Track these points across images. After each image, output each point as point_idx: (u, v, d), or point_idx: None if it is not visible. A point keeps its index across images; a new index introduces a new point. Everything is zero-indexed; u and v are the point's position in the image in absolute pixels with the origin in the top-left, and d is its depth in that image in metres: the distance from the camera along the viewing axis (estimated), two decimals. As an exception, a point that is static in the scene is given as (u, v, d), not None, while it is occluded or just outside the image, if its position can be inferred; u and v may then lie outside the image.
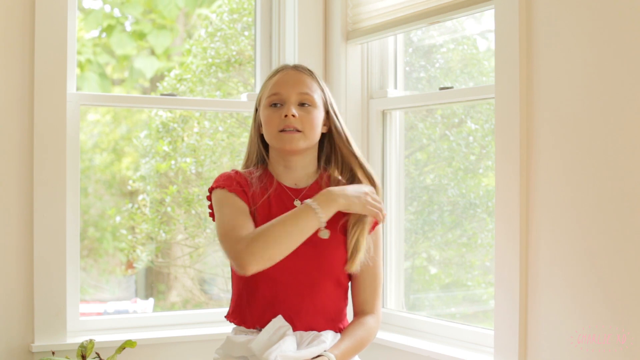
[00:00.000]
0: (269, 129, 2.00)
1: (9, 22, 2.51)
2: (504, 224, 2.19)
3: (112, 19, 4.48)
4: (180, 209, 3.89)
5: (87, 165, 4.41)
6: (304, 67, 2.08)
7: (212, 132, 3.95)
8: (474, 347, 2.42)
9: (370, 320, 2.04)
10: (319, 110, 2.02)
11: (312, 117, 1.99)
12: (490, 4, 2.30)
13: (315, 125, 2.00)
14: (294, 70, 2.05)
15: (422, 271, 3.04)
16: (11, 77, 2.51)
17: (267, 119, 2.01)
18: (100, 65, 4.55)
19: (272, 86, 2.02)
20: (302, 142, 1.98)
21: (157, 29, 4.50)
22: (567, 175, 2.03)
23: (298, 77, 2.03)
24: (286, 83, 2.01)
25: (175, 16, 4.51)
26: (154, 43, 4.51)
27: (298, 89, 2.00)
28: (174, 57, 4.53)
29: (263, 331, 1.91)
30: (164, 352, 2.69)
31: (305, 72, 2.05)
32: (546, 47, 2.09)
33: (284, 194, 2.02)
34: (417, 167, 3.01)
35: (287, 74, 2.04)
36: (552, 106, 2.07)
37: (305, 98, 2.00)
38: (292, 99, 1.99)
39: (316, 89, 2.04)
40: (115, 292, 4.38)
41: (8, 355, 2.50)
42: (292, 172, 2.05)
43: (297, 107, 1.99)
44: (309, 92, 2.01)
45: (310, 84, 2.03)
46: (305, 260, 1.95)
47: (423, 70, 3.01)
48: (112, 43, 4.50)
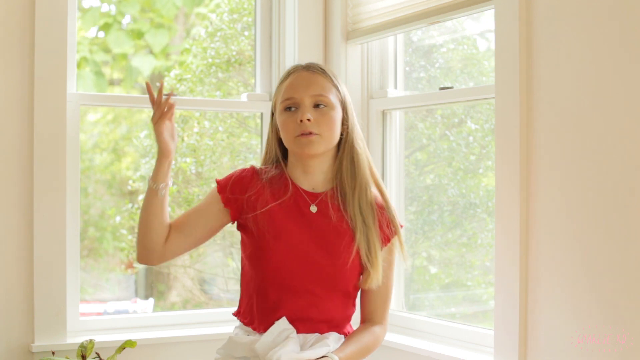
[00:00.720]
0: (286, 135, 1.96)
1: (9, 23, 2.50)
2: (504, 224, 2.19)
3: (109, 17, 4.48)
4: (180, 209, 3.89)
5: (87, 165, 4.40)
6: (316, 66, 2.01)
7: (212, 132, 3.95)
8: (474, 347, 2.42)
9: (377, 329, 2.03)
10: (336, 110, 1.96)
11: (329, 118, 1.94)
12: (490, 4, 2.30)
13: (333, 126, 1.95)
14: (306, 71, 1.99)
15: (422, 271, 3.04)
16: (11, 77, 2.51)
17: (283, 125, 1.96)
18: (97, 64, 4.54)
19: (285, 90, 1.97)
20: (320, 146, 1.94)
21: (154, 27, 4.49)
22: (567, 175, 2.03)
23: (310, 78, 1.97)
24: (299, 86, 1.96)
25: (174, 15, 4.50)
26: (152, 42, 4.50)
27: (311, 91, 1.94)
28: (172, 56, 4.52)
29: (267, 332, 1.91)
30: (164, 352, 2.69)
31: (318, 71, 1.99)
32: (546, 47, 2.09)
33: (300, 198, 1.98)
34: (417, 167, 3.01)
35: (300, 75, 1.98)
36: (552, 106, 2.07)
37: (319, 99, 1.95)
38: (306, 102, 1.94)
39: (331, 88, 1.98)
40: (115, 292, 4.38)
41: (8, 355, 2.50)
42: (311, 176, 2.00)
43: (312, 109, 1.94)
44: (323, 92, 1.95)
45: (323, 84, 1.97)
46: (319, 271, 1.94)
47: (423, 70, 3.01)
48: (109, 41, 4.49)
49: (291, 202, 1.97)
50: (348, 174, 1.99)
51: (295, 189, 1.99)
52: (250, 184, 1.99)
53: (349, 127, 2.00)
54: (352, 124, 2.01)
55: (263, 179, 2.00)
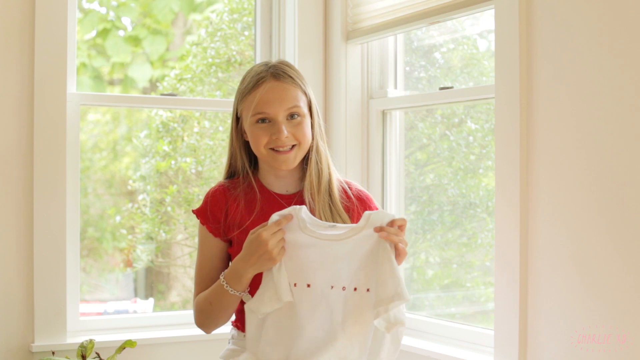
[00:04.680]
0: (257, 146, 1.92)
1: (9, 22, 2.50)
2: (504, 224, 2.19)
3: (107, 22, 4.47)
4: (180, 208, 3.89)
5: (87, 165, 4.40)
6: (284, 72, 1.93)
7: (212, 132, 3.95)
8: (474, 347, 2.42)
9: None
10: (307, 117, 1.94)
11: (302, 127, 1.92)
12: (490, 4, 2.30)
13: (307, 134, 1.93)
14: (275, 81, 1.91)
15: (422, 271, 3.03)
16: (11, 77, 2.51)
17: (255, 136, 1.92)
18: (95, 69, 4.54)
19: (256, 104, 1.90)
20: (298, 157, 1.93)
21: (152, 34, 4.48)
22: (567, 175, 2.03)
23: (282, 91, 1.90)
24: (271, 101, 1.89)
25: (170, 20, 4.50)
26: (149, 50, 4.50)
27: (285, 105, 1.89)
28: (169, 62, 4.51)
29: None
30: (164, 352, 2.69)
31: (287, 80, 1.92)
32: (546, 47, 2.09)
33: (275, 203, 1.97)
34: (417, 167, 3.01)
35: (271, 88, 1.90)
36: (552, 106, 2.07)
37: (293, 111, 1.91)
38: (280, 117, 1.89)
39: (301, 96, 1.93)
40: (115, 292, 4.37)
41: (8, 355, 2.50)
42: (283, 180, 2.00)
43: (286, 122, 1.90)
44: (297, 103, 1.91)
45: (295, 94, 1.91)
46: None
47: (423, 70, 3.01)
48: (107, 47, 4.48)
49: (265, 210, 1.95)
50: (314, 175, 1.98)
51: (269, 195, 1.98)
52: (224, 205, 1.97)
53: (315, 129, 1.98)
54: (318, 125, 2.00)
55: (235, 193, 1.98)
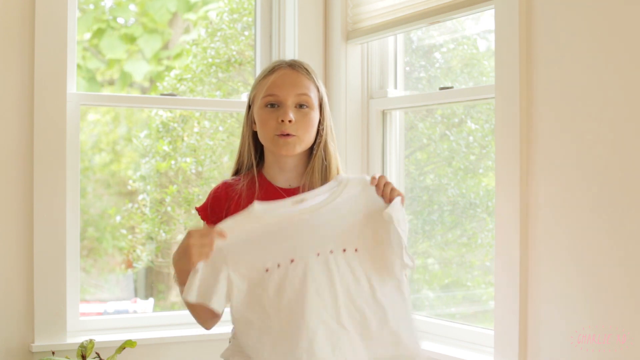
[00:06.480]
0: (264, 131, 1.95)
1: (9, 23, 2.50)
2: (504, 224, 2.19)
3: (102, 22, 4.46)
4: (180, 208, 3.89)
5: (86, 165, 4.40)
6: (300, 64, 2.01)
7: (212, 132, 3.95)
8: (474, 347, 2.42)
9: None
10: (315, 111, 1.97)
11: (308, 119, 1.94)
12: (490, 4, 2.30)
13: (311, 129, 1.95)
14: (291, 69, 1.98)
15: (422, 271, 3.04)
16: (11, 77, 2.51)
17: (262, 120, 1.95)
18: (90, 71, 4.53)
19: (268, 86, 1.96)
20: (297, 147, 1.94)
21: (147, 32, 4.48)
22: (567, 175, 2.03)
23: (296, 77, 1.96)
24: (283, 84, 1.95)
25: (167, 20, 4.50)
26: (144, 47, 4.49)
27: (296, 91, 1.94)
28: (163, 61, 4.51)
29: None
30: (164, 352, 2.69)
31: (302, 71, 1.98)
32: (546, 47, 2.09)
33: (275, 196, 1.95)
34: (417, 167, 3.01)
35: (285, 73, 1.97)
36: (552, 106, 2.07)
37: (302, 99, 1.94)
38: (289, 101, 1.93)
39: (313, 88, 1.97)
40: (115, 292, 4.37)
41: (8, 355, 2.50)
42: (286, 173, 2.00)
43: (294, 109, 1.93)
44: (307, 92, 1.95)
45: (307, 84, 1.97)
46: None
47: (423, 70, 3.01)
48: (102, 46, 4.48)
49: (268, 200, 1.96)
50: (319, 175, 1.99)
51: (271, 188, 1.99)
52: (226, 199, 1.98)
53: (324, 128, 2.00)
54: (328, 125, 2.01)
55: (237, 189, 1.99)
